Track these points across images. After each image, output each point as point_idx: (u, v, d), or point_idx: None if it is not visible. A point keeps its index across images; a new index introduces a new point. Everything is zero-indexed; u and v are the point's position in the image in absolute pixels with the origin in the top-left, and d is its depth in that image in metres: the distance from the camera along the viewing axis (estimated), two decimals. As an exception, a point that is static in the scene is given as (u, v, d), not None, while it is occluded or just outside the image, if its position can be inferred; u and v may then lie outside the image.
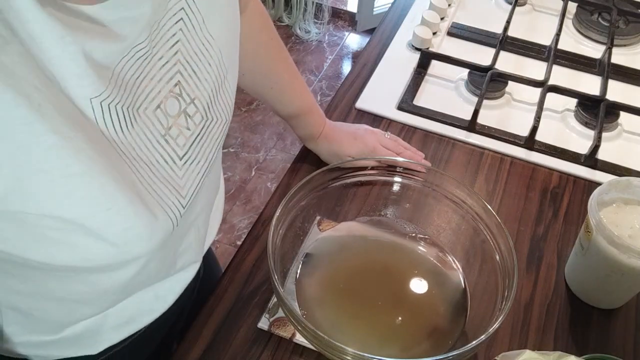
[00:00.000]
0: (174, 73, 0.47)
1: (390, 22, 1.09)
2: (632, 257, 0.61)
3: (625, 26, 1.08)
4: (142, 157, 0.45)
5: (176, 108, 0.48)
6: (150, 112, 0.46)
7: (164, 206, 0.47)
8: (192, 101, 0.49)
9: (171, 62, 0.47)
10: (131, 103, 0.44)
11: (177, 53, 0.47)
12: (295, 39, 2.65)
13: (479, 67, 0.94)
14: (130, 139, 0.44)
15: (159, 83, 0.46)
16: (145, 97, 0.45)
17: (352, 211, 0.75)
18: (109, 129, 0.42)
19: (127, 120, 0.43)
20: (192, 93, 0.49)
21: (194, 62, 0.49)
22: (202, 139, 0.52)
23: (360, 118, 0.90)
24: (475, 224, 0.68)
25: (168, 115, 0.47)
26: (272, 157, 2.14)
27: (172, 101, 0.47)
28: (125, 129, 0.43)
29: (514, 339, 0.66)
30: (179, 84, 0.48)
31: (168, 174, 0.48)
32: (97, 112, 0.41)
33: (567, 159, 0.85)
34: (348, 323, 0.63)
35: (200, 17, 0.49)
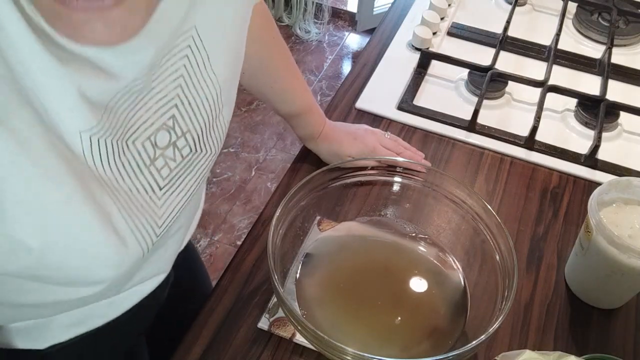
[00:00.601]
0: (170, 107, 0.47)
1: (390, 22, 1.09)
2: (632, 257, 0.61)
3: (625, 26, 1.08)
4: (123, 186, 0.45)
5: (166, 140, 0.48)
6: (139, 142, 0.46)
7: (137, 235, 0.47)
8: (184, 134, 0.49)
9: (169, 96, 0.47)
10: (121, 135, 0.44)
11: (177, 88, 0.47)
12: (295, 39, 2.65)
13: (479, 67, 0.94)
14: (115, 170, 0.44)
15: (154, 115, 0.46)
16: (136, 129, 0.45)
17: (352, 211, 0.75)
18: (95, 161, 0.42)
19: (114, 152, 0.43)
20: (185, 127, 0.49)
21: (192, 98, 0.49)
22: (187, 170, 0.51)
23: (360, 118, 0.90)
24: (475, 224, 0.68)
25: (156, 146, 0.47)
26: (272, 157, 2.14)
27: (163, 133, 0.47)
28: (112, 161, 0.43)
29: (514, 339, 0.66)
30: (173, 118, 0.48)
31: (147, 203, 0.48)
32: (85, 145, 0.41)
33: (567, 159, 0.85)
34: (348, 323, 0.63)
35: (206, 55, 0.49)
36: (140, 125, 0.45)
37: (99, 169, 0.42)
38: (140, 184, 0.47)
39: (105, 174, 0.43)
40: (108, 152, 0.43)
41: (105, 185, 0.43)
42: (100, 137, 0.42)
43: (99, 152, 0.42)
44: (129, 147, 0.45)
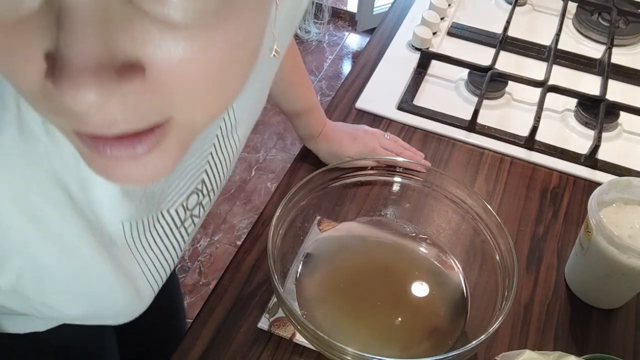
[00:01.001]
0: (201, 172, 0.49)
1: (390, 22, 1.09)
2: (632, 257, 0.61)
3: (625, 26, 1.08)
4: (154, 250, 0.47)
5: (195, 202, 0.50)
6: (173, 209, 0.48)
7: (154, 286, 0.49)
8: (208, 193, 0.52)
9: (201, 164, 0.49)
10: (155, 208, 0.46)
11: (207, 156, 0.49)
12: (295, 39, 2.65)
13: (479, 67, 0.94)
14: (149, 239, 0.46)
15: (187, 183, 0.48)
16: (170, 199, 0.47)
17: (352, 211, 0.75)
18: (130, 239, 0.44)
19: (148, 225, 0.45)
20: (210, 186, 0.52)
21: (219, 161, 0.51)
22: (202, 219, 0.54)
23: (360, 118, 0.90)
24: (475, 224, 0.68)
25: (187, 209, 0.50)
26: (272, 157, 2.14)
27: (193, 196, 0.50)
28: (146, 233, 0.46)
29: (514, 339, 0.66)
30: (203, 182, 0.50)
31: (171, 258, 0.50)
32: (126, 229, 0.43)
33: (567, 159, 0.85)
34: (348, 323, 0.63)
35: (235, 121, 0.51)
36: (174, 195, 0.47)
37: (133, 244, 0.45)
38: (170, 244, 0.49)
39: (137, 247, 0.45)
40: (143, 228, 0.45)
41: (137, 253, 0.46)
42: (138, 218, 0.44)
43: (137, 230, 0.44)
44: (163, 215, 0.47)
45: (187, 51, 0.24)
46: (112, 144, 0.26)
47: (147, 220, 0.45)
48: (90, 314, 0.45)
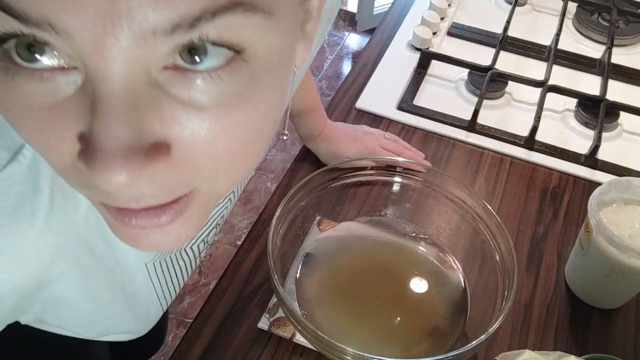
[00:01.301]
0: (224, 209, 0.52)
1: (390, 22, 1.09)
2: (632, 257, 0.61)
3: (625, 26, 1.08)
4: (172, 279, 0.50)
5: (214, 235, 0.53)
6: (195, 246, 0.50)
7: (164, 305, 0.52)
8: (224, 217, 0.54)
9: (224, 202, 0.51)
10: (180, 248, 0.48)
11: (231, 194, 0.52)
12: (295, 39, 2.65)
13: (479, 67, 0.94)
14: (172, 272, 0.49)
15: (210, 224, 0.51)
16: (194, 237, 0.50)
17: (352, 211, 0.75)
18: (157, 274, 0.47)
19: (171, 263, 0.48)
20: (227, 214, 0.54)
21: (237, 191, 0.53)
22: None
23: (360, 118, 0.90)
24: (475, 224, 0.68)
25: (207, 243, 0.52)
26: (272, 157, 2.14)
27: (214, 231, 0.53)
28: (168, 271, 0.48)
29: (514, 339, 0.66)
30: (222, 216, 0.53)
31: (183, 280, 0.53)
32: (150, 269, 0.46)
33: (567, 159, 0.85)
34: (348, 323, 0.63)
35: None
36: (198, 234, 0.50)
37: (157, 280, 0.48)
38: (186, 271, 0.52)
39: (160, 280, 0.48)
40: (167, 265, 0.48)
41: (157, 284, 0.48)
42: (161, 259, 0.46)
43: (160, 268, 0.47)
44: (187, 252, 0.49)
45: (212, 130, 0.25)
46: (138, 215, 0.27)
47: (169, 259, 0.47)
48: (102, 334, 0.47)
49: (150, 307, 0.50)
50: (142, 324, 0.50)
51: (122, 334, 0.50)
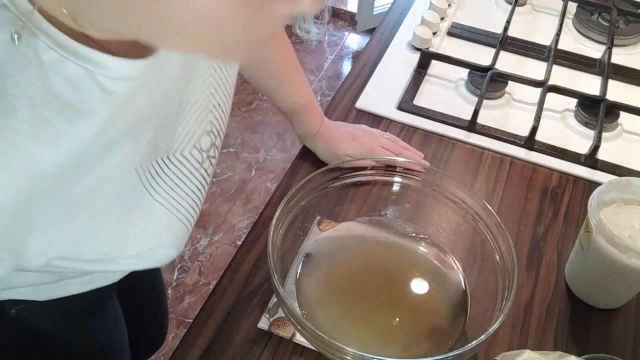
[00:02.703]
0: (207, 113, 0.51)
1: (390, 22, 1.09)
2: (632, 257, 0.61)
3: (625, 26, 1.08)
4: (180, 193, 0.51)
5: (209, 143, 0.53)
6: (187, 152, 0.50)
7: (187, 225, 0.53)
8: (218, 133, 0.54)
9: (204, 104, 0.51)
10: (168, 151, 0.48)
11: (209, 96, 0.51)
12: (295, 39, 2.65)
13: (479, 67, 0.94)
14: (170, 182, 0.49)
15: (194, 125, 0.51)
16: (181, 141, 0.50)
17: (352, 211, 0.75)
18: (150, 182, 0.47)
19: (167, 168, 0.49)
20: (219, 127, 0.54)
21: (222, 100, 0.53)
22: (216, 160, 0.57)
23: (360, 118, 0.90)
24: (475, 224, 0.68)
25: (202, 151, 0.52)
26: (272, 157, 2.14)
27: (206, 138, 0.53)
28: (164, 177, 0.49)
29: (514, 339, 0.66)
30: (211, 123, 0.52)
31: (199, 199, 0.54)
32: (140, 172, 0.46)
33: (567, 159, 0.85)
34: (348, 323, 0.63)
35: (229, 67, 0.54)
36: (183, 137, 0.50)
37: (152, 189, 0.48)
38: (194, 186, 0.52)
39: (158, 192, 0.49)
40: (157, 172, 0.48)
41: (160, 197, 0.49)
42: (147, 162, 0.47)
43: (151, 175, 0.47)
44: (179, 159, 0.50)
45: None
46: None
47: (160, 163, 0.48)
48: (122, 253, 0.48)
49: (170, 222, 0.50)
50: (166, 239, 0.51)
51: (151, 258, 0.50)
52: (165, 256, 0.51)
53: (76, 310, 0.68)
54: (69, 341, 0.72)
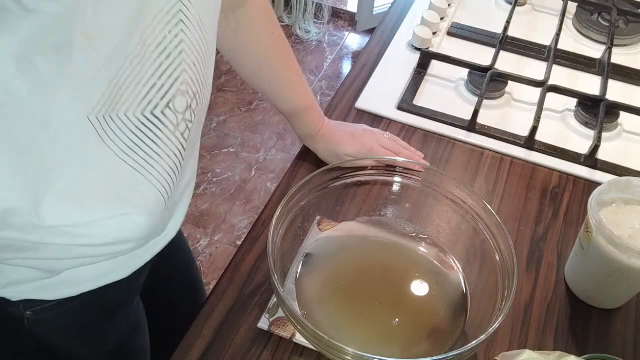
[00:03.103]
0: (181, 72, 0.49)
1: (390, 22, 1.09)
2: (632, 257, 0.61)
3: (625, 26, 1.08)
4: (155, 157, 0.48)
5: (184, 105, 0.50)
6: (159, 111, 0.47)
7: (164, 194, 0.49)
8: (195, 96, 0.51)
9: (177, 61, 0.48)
10: (135, 107, 0.45)
11: (181, 53, 0.49)
12: (295, 39, 2.65)
13: (479, 67, 0.94)
14: (141, 143, 0.46)
15: (166, 83, 0.48)
16: (152, 97, 0.47)
17: (352, 211, 0.75)
18: (111, 137, 0.44)
19: (129, 124, 0.45)
20: (195, 88, 0.51)
21: (195, 59, 0.50)
22: (195, 126, 0.53)
23: (360, 118, 0.90)
24: (475, 224, 0.68)
25: (177, 112, 0.49)
26: (272, 157, 2.14)
27: (181, 99, 0.49)
28: (130, 135, 0.45)
29: (514, 339, 0.66)
30: (186, 83, 0.49)
31: (176, 167, 0.51)
32: (97, 126, 0.43)
33: (567, 159, 0.85)
34: (348, 323, 0.63)
35: (198, 16, 0.50)
36: (155, 94, 0.47)
37: (119, 144, 0.45)
38: (170, 151, 0.49)
39: (126, 151, 0.45)
40: (125, 128, 0.45)
41: (130, 160, 0.46)
42: (109, 113, 0.43)
43: (112, 130, 0.44)
44: (148, 117, 0.47)
45: None
46: None
47: (127, 121, 0.45)
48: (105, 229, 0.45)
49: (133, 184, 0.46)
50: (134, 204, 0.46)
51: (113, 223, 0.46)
52: (134, 225, 0.47)
53: (92, 316, 0.68)
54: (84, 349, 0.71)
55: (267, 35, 0.74)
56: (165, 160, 0.49)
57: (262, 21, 0.72)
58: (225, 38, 0.70)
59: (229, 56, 0.74)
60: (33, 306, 0.62)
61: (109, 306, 0.71)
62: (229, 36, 0.70)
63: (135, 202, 0.46)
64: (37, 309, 0.62)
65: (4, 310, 0.62)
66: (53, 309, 0.63)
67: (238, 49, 0.72)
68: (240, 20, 0.70)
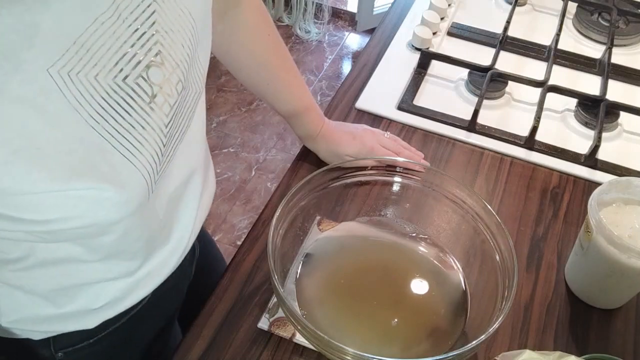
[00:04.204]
0: (154, 43, 0.47)
1: (390, 22, 1.09)
2: (632, 257, 0.61)
3: (625, 26, 1.08)
4: (127, 128, 0.45)
5: (160, 77, 0.48)
6: (131, 80, 0.46)
7: (144, 173, 0.48)
8: (174, 70, 0.50)
9: (149, 32, 0.47)
10: (106, 73, 0.44)
11: (154, 24, 0.47)
12: (295, 39, 2.65)
13: (479, 67, 0.94)
14: (112, 110, 0.44)
15: (139, 53, 0.46)
16: (123, 66, 0.45)
17: (352, 211, 0.75)
18: (78, 99, 0.42)
19: (100, 89, 0.43)
20: (173, 62, 0.50)
21: (172, 32, 0.49)
22: (180, 107, 0.52)
23: (360, 118, 0.90)
24: (475, 224, 0.68)
25: (153, 84, 0.48)
26: (272, 157, 2.14)
27: (155, 70, 0.48)
28: (101, 101, 0.43)
29: (514, 339, 0.66)
30: (160, 54, 0.48)
31: (157, 145, 0.49)
32: (60, 83, 0.40)
33: (567, 159, 0.85)
34: (348, 323, 0.63)
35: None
36: (127, 62, 0.45)
37: (88, 110, 0.42)
38: (145, 122, 0.47)
39: (96, 118, 0.43)
40: (90, 89, 0.43)
41: (96, 124, 0.43)
42: (78, 73, 0.41)
43: (80, 93, 0.42)
44: (120, 85, 0.45)
45: None
46: None
47: (96, 82, 0.43)
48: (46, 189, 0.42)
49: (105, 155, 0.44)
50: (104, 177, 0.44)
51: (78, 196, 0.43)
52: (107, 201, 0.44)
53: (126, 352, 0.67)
54: None
55: (263, 36, 0.73)
56: (142, 134, 0.47)
57: (258, 23, 0.72)
58: (221, 42, 0.70)
59: (226, 60, 0.73)
60: (64, 346, 0.61)
61: (142, 342, 0.70)
62: (225, 39, 0.70)
63: (105, 172, 0.44)
64: (68, 350, 0.62)
65: (34, 353, 0.61)
66: (85, 349, 0.62)
67: (234, 51, 0.72)
68: (235, 22, 0.69)
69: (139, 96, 0.46)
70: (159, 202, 0.56)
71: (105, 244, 0.51)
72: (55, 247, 0.51)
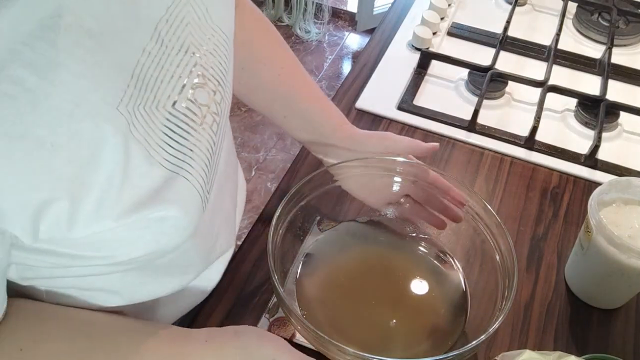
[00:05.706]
0: (193, 65, 0.48)
1: (390, 22, 1.09)
2: (632, 257, 0.61)
3: (625, 26, 1.08)
4: (181, 150, 0.46)
5: (205, 97, 0.49)
6: (180, 105, 0.46)
7: (199, 190, 0.48)
8: (216, 88, 0.51)
9: (188, 54, 0.47)
10: (160, 101, 0.44)
11: (190, 46, 0.48)
12: (295, 39, 2.65)
13: (479, 67, 0.94)
14: (167, 137, 0.44)
15: (182, 76, 0.46)
16: (170, 92, 0.45)
17: (352, 211, 0.75)
18: (141, 133, 0.42)
19: (157, 119, 0.44)
20: (215, 80, 0.50)
21: (209, 52, 0.50)
22: (222, 121, 0.53)
23: (360, 118, 0.90)
24: (475, 224, 0.67)
25: (201, 105, 0.48)
26: (272, 157, 2.14)
27: (200, 91, 0.48)
28: (155, 128, 0.43)
29: (514, 339, 0.66)
30: (201, 75, 0.49)
31: (207, 160, 0.49)
32: (129, 119, 0.41)
33: (567, 159, 0.85)
34: (348, 323, 0.63)
35: (204, 7, 0.50)
36: (172, 87, 0.45)
37: (145, 141, 0.42)
38: (199, 142, 0.48)
39: (153, 145, 0.43)
40: (151, 122, 0.43)
41: (156, 154, 0.43)
42: (135, 106, 0.42)
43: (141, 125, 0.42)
44: (171, 112, 0.45)
45: None
46: None
47: (152, 112, 0.43)
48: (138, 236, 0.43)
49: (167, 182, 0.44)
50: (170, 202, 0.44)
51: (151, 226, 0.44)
52: (173, 225, 0.45)
53: None
54: None
55: (277, 69, 0.73)
56: (197, 153, 0.47)
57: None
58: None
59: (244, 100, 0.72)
60: None
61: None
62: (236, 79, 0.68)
63: (170, 200, 0.44)
64: None
65: None
66: None
67: (247, 91, 0.71)
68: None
69: (192, 120, 0.47)
70: (207, 215, 0.55)
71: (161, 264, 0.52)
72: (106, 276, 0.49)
